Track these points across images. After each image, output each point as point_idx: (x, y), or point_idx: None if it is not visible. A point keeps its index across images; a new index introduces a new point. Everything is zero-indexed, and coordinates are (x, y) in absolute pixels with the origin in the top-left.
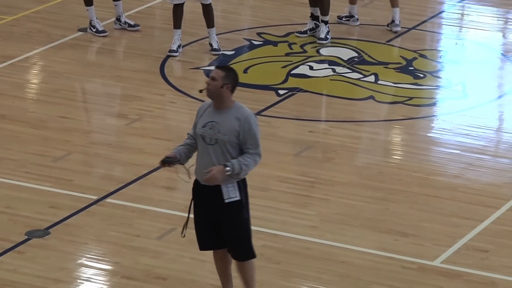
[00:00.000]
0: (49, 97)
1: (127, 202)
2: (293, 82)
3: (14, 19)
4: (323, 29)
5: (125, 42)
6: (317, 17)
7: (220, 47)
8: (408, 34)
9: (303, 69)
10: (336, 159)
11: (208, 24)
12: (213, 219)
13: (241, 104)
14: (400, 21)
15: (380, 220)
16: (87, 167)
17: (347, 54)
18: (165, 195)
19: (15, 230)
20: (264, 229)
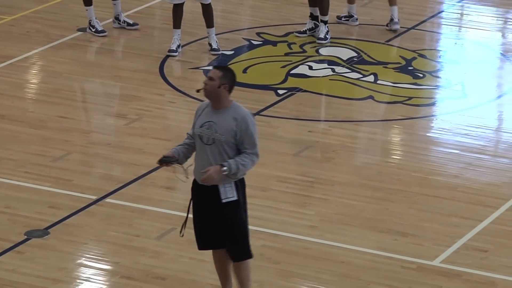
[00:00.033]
0: (48, 97)
1: (126, 202)
2: (292, 82)
3: (13, 19)
4: (322, 29)
5: (124, 42)
6: (316, 17)
7: (219, 47)
8: (407, 34)
9: (303, 69)
10: (335, 159)
11: (207, 24)
12: (211, 219)
13: (238, 104)
14: (399, 19)
15: (379, 220)
16: (86, 167)
17: (346, 54)
18: (164, 195)
19: (15, 230)
20: (263, 229)
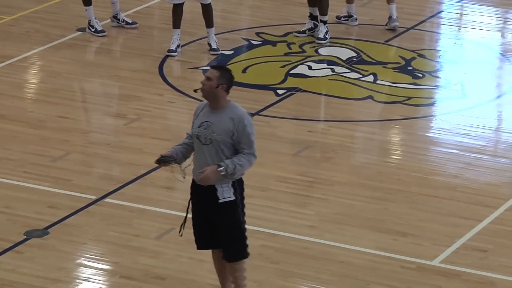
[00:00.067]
0: (47, 97)
1: (126, 202)
2: (292, 82)
3: (12, 19)
4: (322, 29)
5: (123, 42)
6: (316, 17)
7: (219, 47)
8: (407, 34)
9: (302, 69)
10: (335, 159)
11: (207, 24)
12: (208, 218)
13: (236, 104)
14: (397, 17)
15: (379, 220)
16: (86, 167)
17: (346, 54)
18: (164, 195)
19: (14, 230)
20: (263, 229)
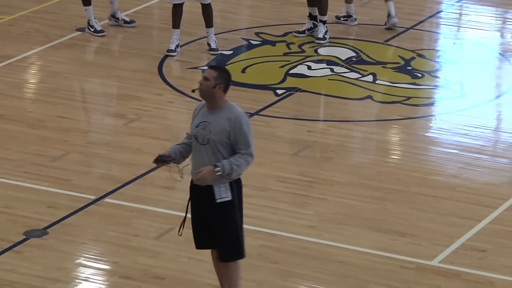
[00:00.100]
0: (47, 96)
1: (125, 202)
2: (291, 81)
3: (12, 19)
4: (321, 28)
5: (123, 42)
6: (315, 16)
7: (218, 47)
8: (406, 34)
9: (301, 69)
10: (334, 158)
11: (207, 23)
12: (205, 218)
13: (233, 103)
14: (396, 14)
15: (378, 220)
16: (85, 167)
17: (345, 54)
18: (163, 195)
19: (13, 230)
20: (262, 229)
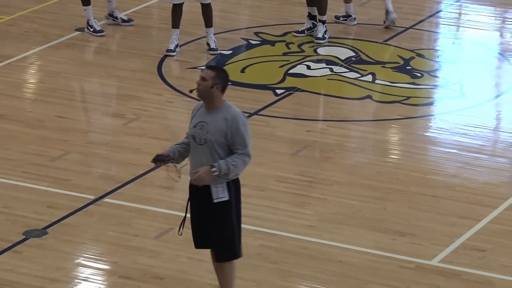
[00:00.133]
0: (46, 96)
1: (124, 201)
2: (290, 81)
3: (11, 19)
4: (320, 28)
5: (122, 42)
6: (314, 16)
7: (217, 47)
8: (405, 34)
9: (301, 69)
10: (333, 158)
11: (206, 23)
12: (203, 218)
13: (230, 103)
14: (393, 9)
15: (377, 220)
16: (84, 166)
17: (344, 54)
18: (163, 194)
19: (13, 230)
20: (261, 229)
